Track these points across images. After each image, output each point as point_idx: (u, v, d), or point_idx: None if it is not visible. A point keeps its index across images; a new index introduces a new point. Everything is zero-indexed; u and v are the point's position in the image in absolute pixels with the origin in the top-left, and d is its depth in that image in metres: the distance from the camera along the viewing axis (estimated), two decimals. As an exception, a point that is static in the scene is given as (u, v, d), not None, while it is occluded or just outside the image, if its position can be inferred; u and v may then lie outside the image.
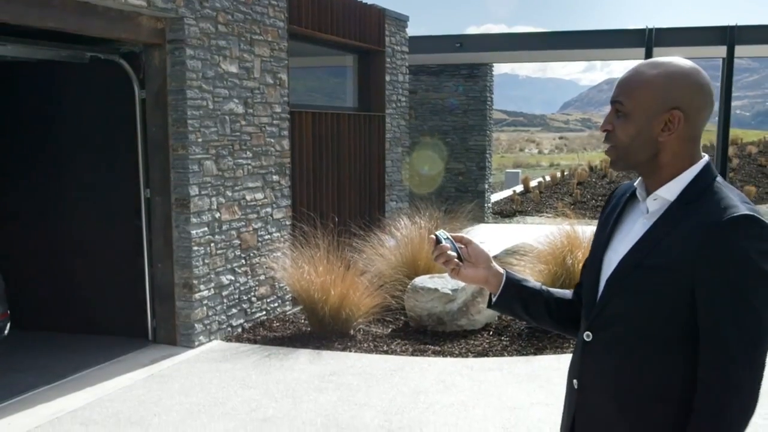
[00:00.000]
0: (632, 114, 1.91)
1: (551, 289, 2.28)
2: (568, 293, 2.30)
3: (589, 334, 2.00)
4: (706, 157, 1.96)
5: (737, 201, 1.84)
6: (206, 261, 7.27)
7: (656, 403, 1.90)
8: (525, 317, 2.27)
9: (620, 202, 2.11)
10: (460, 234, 2.22)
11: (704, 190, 1.89)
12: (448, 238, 2.20)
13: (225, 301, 7.60)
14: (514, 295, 2.22)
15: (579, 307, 2.21)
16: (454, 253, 2.17)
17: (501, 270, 2.22)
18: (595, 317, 1.99)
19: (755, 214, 1.79)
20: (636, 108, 1.91)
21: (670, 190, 1.93)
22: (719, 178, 1.93)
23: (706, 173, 1.93)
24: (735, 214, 1.78)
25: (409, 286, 7.80)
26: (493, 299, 2.24)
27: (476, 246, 2.20)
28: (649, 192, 1.99)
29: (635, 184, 2.07)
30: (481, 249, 2.21)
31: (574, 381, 2.07)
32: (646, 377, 1.90)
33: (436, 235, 2.20)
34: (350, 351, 7.11)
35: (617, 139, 1.94)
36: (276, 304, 8.51)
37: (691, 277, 1.81)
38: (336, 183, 9.76)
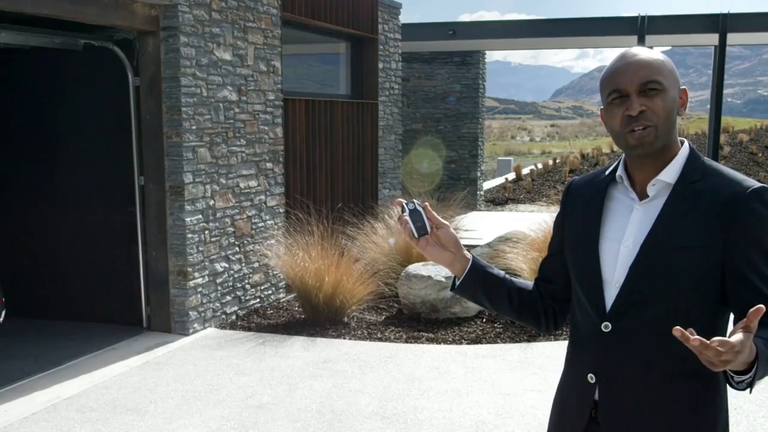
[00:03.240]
0: (668, 90, 1.94)
1: (513, 279, 2.30)
2: (529, 284, 2.32)
3: (608, 324, 1.99)
4: (684, 139, 2.04)
5: (741, 174, 1.97)
6: (200, 248, 7.29)
7: (690, 381, 1.94)
8: (486, 304, 2.28)
9: (596, 193, 2.12)
10: (435, 215, 2.22)
11: (703, 169, 1.98)
12: (415, 209, 2.20)
13: (219, 288, 7.61)
14: (477, 281, 2.23)
15: (539, 298, 2.28)
16: (410, 227, 2.18)
17: (468, 255, 2.24)
18: (616, 306, 1.98)
19: (767, 185, 1.92)
20: (669, 84, 1.94)
21: (669, 174, 1.98)
22: (704, 157, 2.04)
23: (694, 154, 2.02)
24: (754, 186, 1.90)
25: (402, 274, 7.83)
26: (457, 282, 2.25)
27: (447, 230, 2.21)
28: (634, 181, 2.04)
29: (610, 173, 2.11)
30: (452, 233, 2.22)
31: (590, 375, 2.05)
32: (678, 357, 1.91)
33: (403, 204, 2.20)
34: (344, 338, 7.14)
35: (655, 116, 1.92)
36: (270, 292, 8.53)
37: (721, 250, 1.89)
38: (329, 170, 9.77)
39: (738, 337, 1.62)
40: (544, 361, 6.38)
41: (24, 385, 5.91)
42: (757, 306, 1.63)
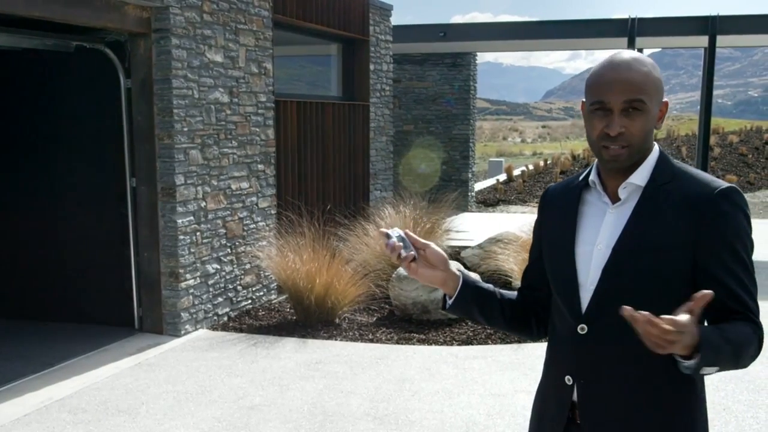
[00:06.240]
0: (650, 110, 1.96)
1: (501, 291, 2.31)
2: (513, 294, 2.33)
3: (584, 326, 2.02)
4: (654, 143, 2.07)
5: (710, 176, 2.02)
6: (192, 250, 7.30)
7: (668, 381, 1.97)
8: (479, 318, 2.27)
9: (570, 199, 2.15)
10: (417, 237, 2.19)
11: (673, 171, 2.02)
12: (400, 235, 2.17)
13: (211, 289, 7.62)
14: (470, 297, 2.22)
15: (525, 307, 2.29)
16: (412, 253, 2.15)
17: (457, 272, 2.23)
18: (591, 308, 2.01)
19: (734, 185, 1.96)
20: (651, 104, 1.96)
21: (639, 177, 2.01)
22: (673, 159, 2.08)
23: (664, 156, 2.06)
24: (722, 187, 1.94)
25: (393, 275, 7.85)
26: (449, 302, 2.23)
27: (434, 249, 2.19)
28: (607, 185, 2.07)
29: (583, 179, 2.14)
30: (439, 251, 2.20)
31: (567, 377, 2.08)
32: (654, 357, 1.91)
33: (386, 233, 2.17)
34: (336, 339, 7.16)
35: (633, 137, 1.95)
36: (261, 293, 8.55)
37: (691, 249, 1.92)
38: (321, 172, 9.79)
39: (684, 316, 1.67)
40: (535, 362, 6.42)
41: (16, 386, 5.91)
42: (703, 291, 1.68)
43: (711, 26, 15.50)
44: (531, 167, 25.73)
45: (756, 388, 5.67)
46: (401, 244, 2.16)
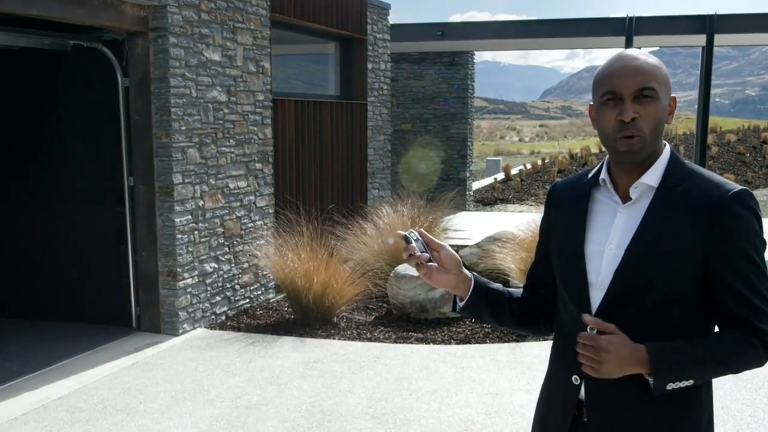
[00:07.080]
0: (661, 98, 1.96)
1: (509, 289, 2.31)
2: (520, 291, 2.33)
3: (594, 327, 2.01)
4: (666, 143, 2.07)
5: (722, 177, 2.01)
6: (190, 249, 7.29)
7: None
8: (490, 319, 2.28)
9: (580, 196, 2.14)
10: (433, 238, 2.20)
11: (684, 172, 2.01)
12: (418, 239, 2.17)
13: (209, 288, 7.62)
14: (481, 299, 2.23)
15: (533, 304, 2.30)
16: (426, 255, 2.15)
17: (469, 274, 2.23)
18: (602, 309, 2.00)
19: (746, 187, 1.97)
20: (662, 93, 1.96)
21: (651, 177, 2.00)
22: (684, 159, 2.08)
23: (675, 157, 2.05)
24: (735, 189, 1.93)
25: (391, 274, 7.85)
26: (460, 304, 2.24)
27: (448, 251, 2.19)
28: (618, 183, 2.06)
29: (593, 176, 2.13)
30: (453, 254, 2.20)
31: (574, 377, 2.07)
32: None
33: (405, 235, 2.17)
34: (334, 338, 7.16)
35: (646, 125, 1.95)
36: (259, 292, 8.54)
37: (703, 252, 1.92)
38: (319, 171, 9.78)
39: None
40: (533, 361, 6.42)
41: (14, 385, 5.91)
42: (584, 316, 1.86)
43: (709, 25, 15.51)
44: (529, 166, 25.74)
45: (754, 387, 5.68)
46: (427, 254, 2.15)
